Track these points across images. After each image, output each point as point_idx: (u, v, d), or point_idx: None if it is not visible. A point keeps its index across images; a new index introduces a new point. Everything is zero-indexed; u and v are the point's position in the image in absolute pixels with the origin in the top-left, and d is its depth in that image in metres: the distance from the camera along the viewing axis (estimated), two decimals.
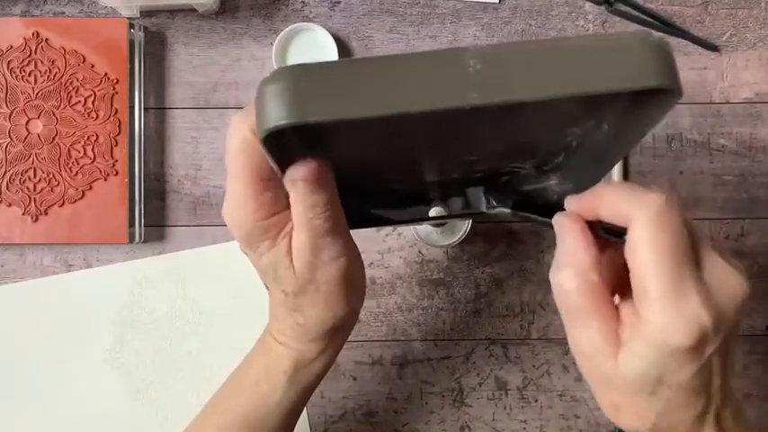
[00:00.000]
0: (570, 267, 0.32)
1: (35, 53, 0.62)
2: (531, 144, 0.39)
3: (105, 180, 0.62)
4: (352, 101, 0.26)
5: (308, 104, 0.26)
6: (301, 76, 0.27)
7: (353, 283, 0.38)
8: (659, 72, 0.27)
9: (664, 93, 0.28)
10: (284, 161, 0.33)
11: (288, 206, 0.36)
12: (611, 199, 0.32)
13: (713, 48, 0.64)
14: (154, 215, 0.64)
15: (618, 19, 0.63)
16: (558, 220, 0.34)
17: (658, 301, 0.30)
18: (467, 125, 0.34)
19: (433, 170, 0.42)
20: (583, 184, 0.40)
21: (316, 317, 0.39)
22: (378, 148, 0.37)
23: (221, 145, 0.64)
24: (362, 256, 0.63)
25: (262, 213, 0.35)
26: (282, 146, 0.32)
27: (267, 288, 0.40)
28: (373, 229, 0.63)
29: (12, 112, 0.62)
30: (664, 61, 0.27)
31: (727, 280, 0.32)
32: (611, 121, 0.34)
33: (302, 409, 0.45)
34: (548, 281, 0.57)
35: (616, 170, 0.63)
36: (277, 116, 0.27)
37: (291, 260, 0.36)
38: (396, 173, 0.42)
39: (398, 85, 0.26)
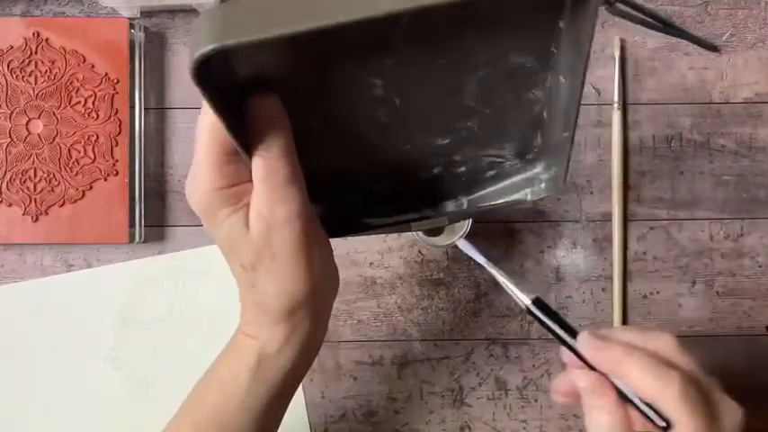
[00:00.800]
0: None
1: (35, 53, 0.62)
2: (500, 118, 0.39)
3: (105, 180, 0.62)
4: (269, 22, 0.27)
5: (230, 29, 0.27)
6: (224, 10, 0.28)
7: (313, 255, 0.37)
8: None
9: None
10: (237, 129, 0.33)
11: (250, 179, 0.35)
12: (636, 375, 0.37)
13: (713, 48, 0.64)
14: (154, 215, 0.64)
15: (617, 19, 0.64)
16: (587, 388, 0.39)
17: None
18: (418, 81, 0.35)
19: (413, 165, 0.42)
20: (562, 161, 0.41)
21: (273, 291, 0.38)
22: (348, 136, 0.38)
23: None
24: (362, 255, 0.63)
25: (222, 183, 0.35)
26: (234, 116, 0.32)
27: (233, 273, 0.39)
28: None
29: (12, 112, 0.62)
30: None
31: (734, 412, 0.39)
32: (565, 72, 0.34)
33: (277, 417, 0.43)
34: (548, 281, 0.58)
35: (616, 170, 0.63)
36: (198, 47, 0.27)
37: (248, 228, 0.36)
38: (379, 175, 0.42)
39: (312, 4, 0.27)
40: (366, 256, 0.64)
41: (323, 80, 0.34)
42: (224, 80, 0.31)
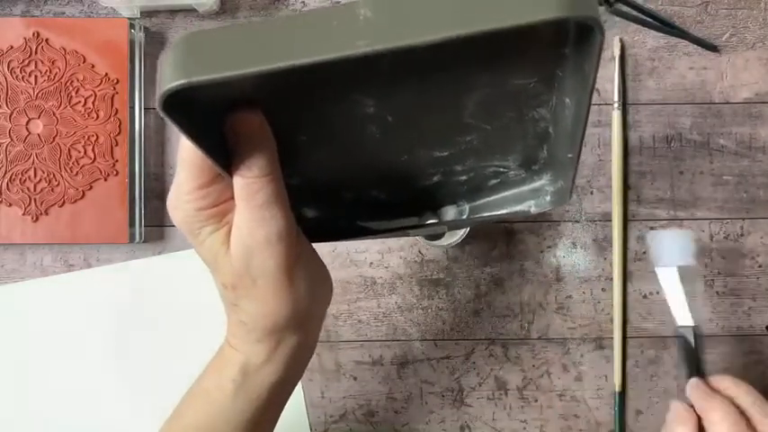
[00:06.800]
0: None
1: (35, 53, 0.62)
2: (502, 134, 0.38)
3: (105, 180, 0.62)
4: (240, 57, 0.25)
5: (198, 64, 0.26)
6: (195, 40, 0.26)
7: (297, 279, 0.36)
8: (566, 3, 0.25)
9: (584, 32, 0.27)
10: (220, 154, 0.32)
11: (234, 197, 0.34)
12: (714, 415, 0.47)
13: (713, 48, 0.64)
14: (154, 215, 0.64)
15: (618, 19, 0.64)
16: (672, 415, 0.49)
17: None
18: (409, 103, 0.33)
19: (412, 173, 0.41)
20: (568, 178, 0.40)
21: (254, 313, 0.37)
22: (342, 146, 0.36)
23: None
24: (362, 255, 0.63)
25: (204, 204, 0.34)
26: (213, 132, 0.31)
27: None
28: None
29: (12, 113, 0.62)
30: None
31: None
32: (570, 93, 0.33)
33: (265, 427, 0.42)
34: (548, 281, 0.58)
35: (615, 170, 0.63)
36: (168, 80, 0.26)
37: (229, 247, 0.35)
38: (377, 180, 0.41)
39: (289, 39, 0.26)
40: (366, 256, 0.64)
41: (308, 100, 0.32)
42: (200, 102, 0.29)
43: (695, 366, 0.50)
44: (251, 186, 0.32)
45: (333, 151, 0.37)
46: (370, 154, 0.38)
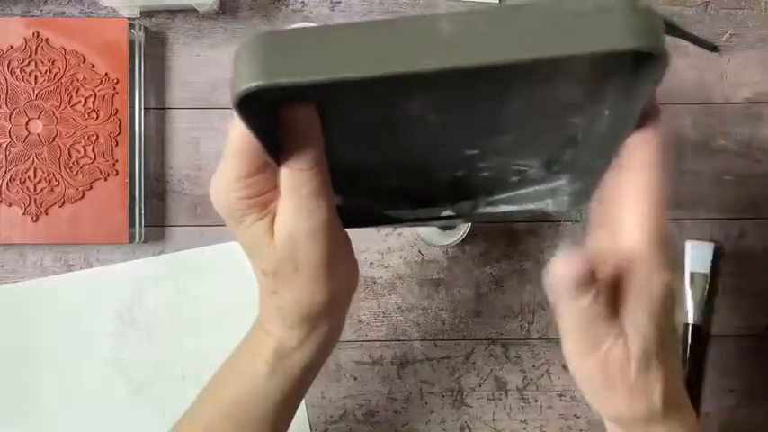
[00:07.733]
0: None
1: (35, 53, 0.62)
2: (534, 137, 0.38)
3: (105, 180, 0.62)
4: (323, 63, 0.26)
5: (279, 66, 0.26)
6: (273, 40, 0.27)
7: (336, 268, 0.37)
8: (638, 34, 0.26)
9: (648, 61, 0.28)
10: (271, 145, 0.32)
11: (278, 186, 0.35)
12: None
13: (713, 48, 0.64)
14: (154, 215, 0.64)
15: None
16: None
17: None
18: (457, 106, 0.34)
19: (436, 167, 0.42)
20: (590, 182, 0.40)
21: (292, 300, 0.38)
22: (375, 138, 0.37)
23: (222, 145, 0.64)
24: (362, 255, 0.63)
25: (248, 193, 0.35)
26: (266, 123, 0.31)
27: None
28: (373, 228, 0.63)
29: (12, 113, 0.62)
30: (644, 22, 0.26)
31: None
32: (611, 106, 0.34)
33: (293, 409, 0.44)
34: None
35: None
36: (248, 78, 0.26)
37: (273, 236, 0.36)
38: (400, 171, 0.42)
39: (368, 48, 0.26)
40: (366, 256, 0.64)
41: (361, 100, 0.32)
42: (259, 98, 0.30)
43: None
44: (298, 178, 0.34)
45: (367, 143, 0.38)
46: (402, 148, 0.39)
